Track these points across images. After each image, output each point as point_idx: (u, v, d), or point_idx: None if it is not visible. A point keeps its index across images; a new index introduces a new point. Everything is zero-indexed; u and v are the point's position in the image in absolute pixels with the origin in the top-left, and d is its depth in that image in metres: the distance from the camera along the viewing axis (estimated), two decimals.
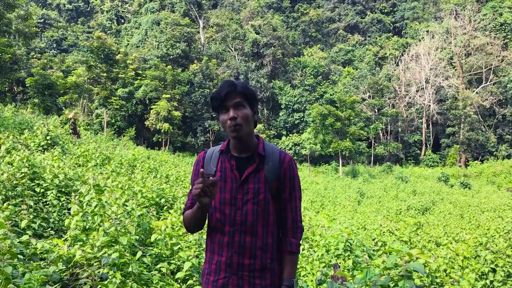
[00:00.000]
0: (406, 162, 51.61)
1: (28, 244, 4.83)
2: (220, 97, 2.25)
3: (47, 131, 12.05)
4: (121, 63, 43.01)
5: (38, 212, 6.47)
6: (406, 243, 11.17)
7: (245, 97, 2.28)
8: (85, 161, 11.65)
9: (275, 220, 2.37)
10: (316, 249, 7.58)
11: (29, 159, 7.68)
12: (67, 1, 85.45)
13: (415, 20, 68.42)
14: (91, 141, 18.77)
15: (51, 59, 50.95)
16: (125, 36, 73.39)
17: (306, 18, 69.92)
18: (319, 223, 10.93)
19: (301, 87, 55.99)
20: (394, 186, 31.70)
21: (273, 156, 2.36)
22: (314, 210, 17.50)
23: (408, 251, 3.29)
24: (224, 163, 2.35)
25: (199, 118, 50.61)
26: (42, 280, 3.96)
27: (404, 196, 25.99)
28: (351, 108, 43.40)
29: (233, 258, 2.25)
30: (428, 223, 15.22)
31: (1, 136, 10.03)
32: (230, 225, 2.27)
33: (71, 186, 7.79)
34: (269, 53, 55.52)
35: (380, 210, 20.65)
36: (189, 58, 55.45)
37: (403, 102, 55.54)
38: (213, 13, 67.57)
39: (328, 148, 43.16)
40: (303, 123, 54.41)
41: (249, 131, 2.29)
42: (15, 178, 6.99)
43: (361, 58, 65.32)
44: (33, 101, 32.43)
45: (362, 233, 11.43)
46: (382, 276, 3.66)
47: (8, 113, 15.34)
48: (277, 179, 2.33)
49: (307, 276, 6.95)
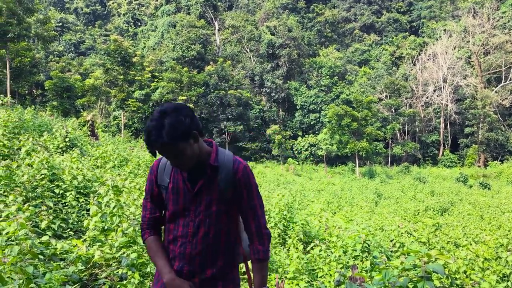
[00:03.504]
0: (424, 163, 51.04)
1: (48, 245, 4.89)
2: (154, 148, 2.07)
3: (66, 133, 12.20)
4: (138, 65, 43.41)
5: (58, 213, 6.55)
6: (424, 244, 11.04)
7: (178, 144, 2.05)
8: (103, 162, 11.75)
9: (230, 231, 2.35)
10: (334, 250, 7.54)
11: (48, 161, 7.78)
12: (84, 5, 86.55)
13: (432, 19, 67.63)
14: (109, 143, 18.93)
15: (69, 62, 51.74)
16: (141, 39, 74.04)
17: (322, 19, 69.60)
18: (336, 224, 10.88)
19: (317, 88, 55.77)
20: (412, 186, 31.35)
21: (227, 166, 2.29)
22: (330, 211, 17.41)
23: (427, 252, 3.25)
24: (176, 174, 2.30)
25: (215, 119, 50.80)
26: (62, 280, 4.01)
27: (422, 196, 25.68)
28: (368, 108, 43.06)
29: (184, 268, 2.25)
30: (447, 224, 15.01)
31: (21, 138, 10.18)
32: (182, 237, 2.25)
33: (89, 187, 7.87)
34: (285, 54, 55.42)
35: (398, 211, 20.44)
36: (204, 60, 55.72)
37: (420, 102, 54.96)
38: (228, 14, 67.77)
39: (345, 148, 42.90)
40: (319, 124, 54.19)
41: (194, 157, 2.17)
42: (35, 180, 7.09)
43: (378, 58, 64.80)
44: (52, 103, 32.91)
45: (380, 234, 11.33)
46: (400, 277, 3.62)
47: (28, 115, 15.56)
48: (231, 189, 2.28)
49: (324, 277, 6.92)
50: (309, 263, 7.42)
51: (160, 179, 2.34)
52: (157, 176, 2.35)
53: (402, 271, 3.69)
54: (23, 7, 31.35)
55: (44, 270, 4.03)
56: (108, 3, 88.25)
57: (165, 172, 2.34)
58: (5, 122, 11.39)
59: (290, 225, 9.80)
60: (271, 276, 6.30)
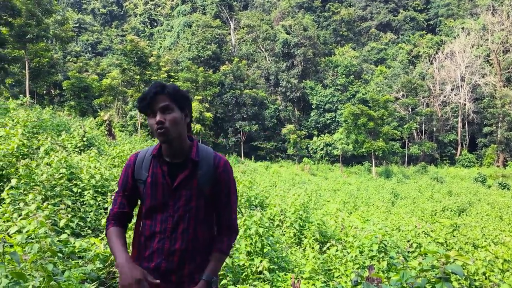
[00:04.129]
0: (441, 162, 50.49)
1: (66, 243, 4.96)
2: (146, 99, 2.16)
3: (83, 133, 12.35)
4: (154, 65, 43.67)
5: (76, 212, 6.63)
6: (442, 245, 10.93)
7: (173, 99, 2.18)
8: (120, 161, 11.85)
9: (208, 227, 2.33)
10: (350, 250, 7.50)
11: (66, 160, 7.88)
12: (101, 6, 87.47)
13: (449, 17, 66.82)
14: (126, 142, 19.12)
15: (86, 63, 52.31)
16: (157, 39, 74.54)
17: (337, 17, 69.25)
18: (352, 224, 10.82)
19: (333, 87, 55.51)
20: (429, 186, 31.04)
21: (207, 161, 2.28)
22: (347, 211, 17.32)
23: (445, 253, 3.21)
24: (155, 168, 2.27)
25: (230, 119, 50.93)
26: (80, 278, 4.05)
27: (440, 197, 25.41)
28: (384, 108, 42.74)
29: (161, 265, 2.20)
30: (465, 224, 14.84)
31: (40, 138, 10.33)
32: (160, 232, 2.21)
33: (107, 186, 7.95)
34: (300, 53, 55.28)
35: (415, 211, 20.26)
36: (220, 60, 55.88)
37: (437, 101, 54.35)
38: (243, 14, 67.87)
39: (361, 148, 42.64)
40: (334, 123, 53.93)
41: (179, 135, 2.21)
42: (54, 179, 7.19)
43: (394, 56, 64.23)
44: (70, 103, 33.34)
45: (397, 234, 11.24)
46: (418, 278, 3.58)
47: (46, 115, 15.78)
48: (211, 184, 2.27)
49: (340, 277, 6.89)
50: (325, 263, 7.40)
51: (138, 173, 2.31)
52: (134, 170, 2.33)
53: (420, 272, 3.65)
54: (41, 8, 31.80)
55: (63, 268, 4.08)
56: (124, 3, 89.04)
57: (143, 166, 2.31)
58: (24, 121, 11.57)
59: (306, 225, 9.78)
60: (287, 276, 6.29)
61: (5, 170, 7.21)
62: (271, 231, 7.35)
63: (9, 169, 7.28)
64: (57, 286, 3.24)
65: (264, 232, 6.66)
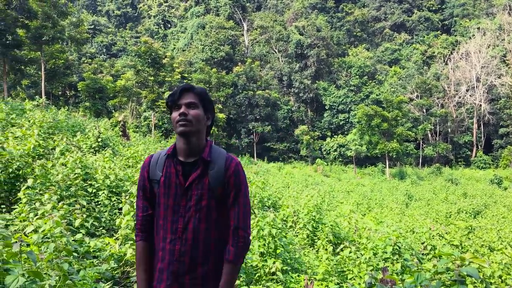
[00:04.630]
0: (456, 164, 49.94)
1: (81, 242, 5.01)
2: (175, 94, 2.27)
3: (98, 133, 12.46)
4: (168, 66, 43.91)
5: (91, 212, 6.69)
6: (457, 248, 10.82)
7: (200, 98, 2.29)
8: (134, 162, 11.94)
9: (220, 228, 2.29)
10: (363, 252, 7.46)
11: (81, 160, 7.96)
12: (116, 7, 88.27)
13: (465, 17, 66.08)
14: (140, 143, 19.26)
15: (101, 64, 52.80)
16: (171, 40, 74.96)
17: (351, 18, 68.95)
18: (365, 226, 10.76)
19: (346, 88, 55.28)
20: (444, 188, 30.72)
21: (219, 161, 2.28)
22: (360, 213, 17.23)
23: (460, 255, 3.18)
24: (169, 168, 2.29)
25: (243, 120, 50.99)
26: (95, 277, 4.09)
27: (454, 198, 25.14)
28: (398, 109, 42.42)
29: (174, 266, 2.20)
30: (481, 227, 14.65)
31: (56, 139, 10.45)
32: (172, 233, 2.22)
33: (121, 187, 8.01)
34: (313, 54, 55.14)
35: (429, 213, 20.08)
36: (233, 61, 55.99)
37: (452, 102, 53.79)
38: (257, 15, 67.93)
39: (375, 149, 42.38)
40: (348, 124, 53.70)
41: (198, 131, 2.26)
42: (69, 179, 7.27)
43: (408, 57, 63.71)
44: (85, 104, 33.66)
45: (411, 236, 11.16)
46: (433, 280, 3.55)
47: (61, 116, 15.95)
48: (221, 185, 2.26)
49: (354, 279, 6.85)
50: (339, 264, 7.37)
51: (152, 174, 2.33)
52: (149, 171, 2.35)
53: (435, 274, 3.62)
54: (57, 10, 32.19)
55: (78, 267, 4.12)
56: (138, 5, 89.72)
57: (157, 166, 2.33)
58: (40, 122, 11.71)
59: (319, 226, 9.75)
60: (300, 277, 6.28)
61: (22, 170, 7.31)
62: (284, 232, 7.34)
63: (25, 169, 7.38)
64: (73, 285, 3.27)
65: (277, 233, 6.66)
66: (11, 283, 2.72)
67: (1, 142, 7.63)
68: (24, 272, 2.84)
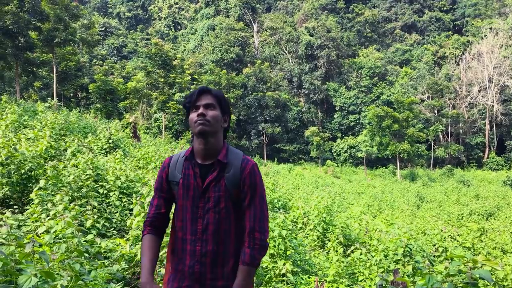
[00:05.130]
0: (468, 165, 49.50)
1: (93, 243, 5.04)
2: (193, 96, 2.29)
3: (109, 135, 12.54)
4: (178, 68, 44.07)
5: (102, 213, 6.73)
6: (469, 250, 10.72)
7: (218, 100, 2.31)
8: (145, 163, 11.99)
9: (238, 229, 2.30)
10: (374, 253, 7.42)
11: (93, 161, 8.02)
12: (126, 9, 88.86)
13: (477, 17, 65.48)
14: (151, 144, 19.32)
15: (112, 66, 53.16)
16: (181, 42, 75.28)
17: (361, 19, 68.67)
18: (376, 228, 10.70)
19: (357, 89, 55.08)
20: (455, 190, 30.46)
21: (235, 163, 2.29)
22: (371, 214, 17.14)
23: (472, 258, 3.15)
24: (187, 170, 2.31)
25: (253, 121, 51.00)
26: (106, 278, 4.11)
27: (466, 200, 24.90)
28: (409, 110, 42.19)
29: (195, 267, 2.21)
30: (493, 229, 14.50)
31: (67, 140, 10.54)
32: (192, 234, 2.24)
33: (132, 188, 8.05)
34: (323, 54, 55.02)
35: (441, 215, 19.92)
36: (243, 62, 56.08)
37: (464, 103, 53.33)
38: (267, 16, 67.94)
39: (385, 150, 42.18)
40: (358, 125, 53.50)
41: (215, 132, 2.28)
42: (81, 180, 7.32)
43: (419, 58, 63.31)
44: (96, 106, 33.85)
45: (422, 238, 11.08)
46: (445, 283, 3.52)
47: (73, 117, 16.07)
48: (237, 187, 2.27)
49: (364, 281, 6.82)
50: (349, 266, 7.34)
51: (172, 175, 2.35)
52: (169, 172, 2.37)
53: (447, 276, 3.59)
54: (69, 13, 32.48)
55: (89, 268, 4.15)
56: (149, 7, 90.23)
57: (176, 168, 2.35)
58: (52, 124, 11.81)
59: (329, 227, 9.72)
60: (310, 279, 6.27)
61: (34, 172, 7.38)
62: (294, 233, 7.33)
63: (37, 170, 7.45)
64: (84, 285, 3.29)
65: (287, 234, 6.65)
66: (24, 283, 2.74)
67: (14, 144, 7.72)
68: (36, 272, 2.86)
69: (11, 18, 27.45)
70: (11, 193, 6.88)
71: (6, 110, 12.02)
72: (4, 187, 6.73)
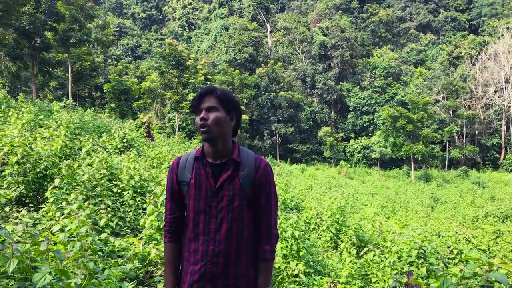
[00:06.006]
0: (484, 167, 48.85)
1: (106, 242, 5.08)
2: (196, 99, 2.27)
3: (123, 134, 12.63)
4: (192, 68, 44.24)
5: (116, 212, 6.77)
6: (484, 252, 10.60)
7: (220, 101, 2.25)
8: (158, 163, 12.05)
9: (250, 227, 2.31)
10: (388, 255, 7.36)
11: (107, 161, 8.08)
12: (141, 10, 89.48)
13: (493, 17, 64.62)
14: (164, 144, 19.42)
15: (126, 66, 53.55)
16: (195, 42, 75.58)
17: (376, 18, 68.21)
18: (390, 229, 10.62)
19: (371, 89, 54.75)
20: (471, 191, 30.11)
21: (249, 162, 2.31)
22: (384, 216, 17.02)
23: (488, 260, 3.11)
24: (198, 169, 2.30)
25: (265, 121, 50.98)
26: (120, 276, 4.14)
27: (482, 202, 24.60)
28: (424, 110, 41.82)
29: (207, 267, 2.21)
30: (509, 231, 14.29)
31: (82, 139, 10.64)
32: (204, 234, 2.23)
33: (146, 187, 8.09)
34: (337, 54, 54.79)
35: (456, 216, 19.72)
36: (256, 62, 56.08)
37: (480, 103, 52.65)
38: (280, 16, 67.89)
39: (399, 151, 41.88)
40: (372, 126, 53.17)
41: (221, 135, 2.25)
42: (95, 179, 7.38)
43: (434, 58, 62.68)
44: (110, 105, 34.10)
45: (436, 240, 10.97)
46: (460, 285, 3.48)
47: (88, 117, 16.23)
48: (252, 185, 2.28)
49: (378, 282, 6.77)
50: (363, 268, 7.29)
51: (181, 176, 2.34)
52: (178, 173, 2.37)
53: (461, 279, 3.54)
54: (84, 13, 32.80)
55: (103, 266, 4.18)
56: (163, 8, 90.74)
57: (186, 168, 2.34)
58: (67, 123, 11.93)
59: (342, 228, 9.67)
60: (323, 280, 6.24)
61: (49, 170, 7.46)
62: (307, 234, 7.30)
63: (52, 169, 7.52)
64: (98, 284, 3.31)
65: (300, 235, 6.63)
66: (39, 280, 2.77)
67: (30, 143, 7.81)
68: (51, 270, 2.89)
69: (27, 19, 27.80)
70: (27, 192, 6.96)
71: (22, 110, 12.16)
72: (20, 186, 6.81)
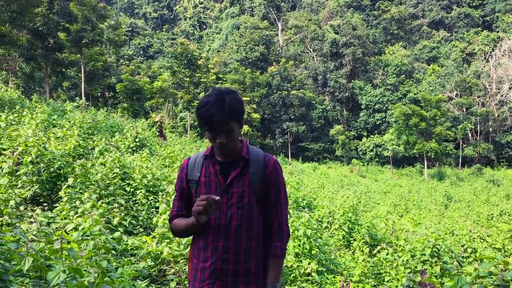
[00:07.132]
0: (498, 164, 48.30)
1: (120, 240, 5.11)
2: (208, 122, 2.15)
3: (136, 134, 12.71)
4: (203, 67, 44.37)
5: (129, 210, 6.82)
6: (499, 251, 10.48)
7: (234, 118, 2.18)
8: (171, 162, 12.10)
9: (260, 224, 2.32)
10: (401, 254, 7.32)
11: (120, 160, 8.13)
12: (152, 10, 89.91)
13: (508, 13, 63.76)
14: (176, 143, 19.50)
15: (138, 66, 53.84)
16: (206, 41, 75.74)
17: (388, 16, 67.71)
18: (403, 228, 10.55)
19: (383, 87, 54.39)
20: (485, 189, 29.79)
21: (258, 159, 2.32)
22: (397, 214, 16.91)
23: (504, 259, 3.07)
24: (208, 168, 2.33)
25: (277, 120, 50.94)
26: (133, 275, 4.17)
27: (496, 200, 24.31)
28: (437, 108, 41.47)
29: (217, 264, 2.22)
30: None
31: (95, 139, 10.72)
32: (214, 231, 2.24)
33: (158, 186, 8.13)
34: (349, 52, 54.53)
35: (470, 215, 19.51)
36: (267, 61, 56.04)
37: (494, 101, 52.01)
38: (291, 15, 67.72)
39: (412, 149, 41.58)
40: (385, 124, 52.83)
41: (234, 145, 2.27)
42: (108, 178, 7.44)
43: (447, 55, 62.05)
44: (123, 105, 34.38)
45: (450, 238, 10.86)
46: (474, 284, 3.44)
47: (100, 117, 16.36)
48: (261, 182, 2.30)
49: (391, 281, 6.73)
50: (375, 266, 7.26)
51: (190, 174, 2.37)
52: (188, 172, 2.39)
53: (476, 278, 3.50)
54: (96, 14, 33.05)
55: (116, 265, 4.20)
56: (175, 7, 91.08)
57: (195, 167, 2.37)
58: (80, 123, 12.04)
59: (355, 227, 9.63)
60: (335, 279, 6.22)
61: (63, 170, 7.53)
62: (319, 233, 7.28)
63: (66, 168, 7.59)
64: (111, 282, 3.34)
65: (312, 234, 6.61)
66: (53, 278, 2.80)
67: (44, 142, 7.89)
68: (65, 269, 2.91)
69: (41, 20, 28.08)
70: (41, 191, 7.04)
71: (36, 110, 12.29)
72: (34, 185, 6.89)
